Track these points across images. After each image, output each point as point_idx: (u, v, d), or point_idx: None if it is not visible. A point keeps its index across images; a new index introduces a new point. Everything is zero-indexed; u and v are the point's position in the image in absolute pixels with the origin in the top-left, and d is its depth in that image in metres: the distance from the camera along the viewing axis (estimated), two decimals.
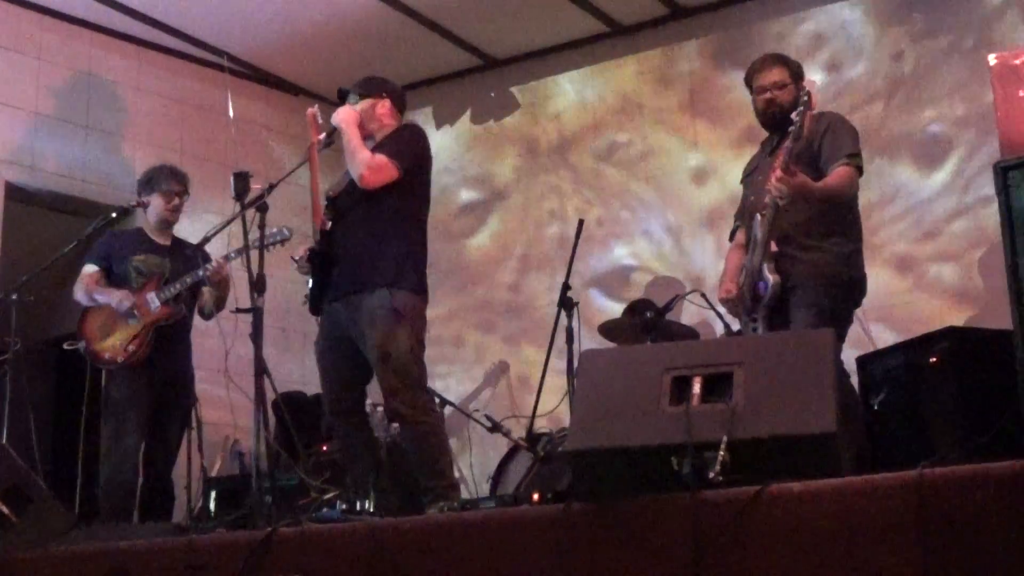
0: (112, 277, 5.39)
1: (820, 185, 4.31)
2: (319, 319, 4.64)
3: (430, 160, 4.70)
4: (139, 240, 5.49)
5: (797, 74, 4.59)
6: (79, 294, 5.38)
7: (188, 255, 5.41)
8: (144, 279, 5.32)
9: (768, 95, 4.54)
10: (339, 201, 4.56)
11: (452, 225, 7.62)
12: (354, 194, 4.53)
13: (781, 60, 4.63)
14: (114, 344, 5.24)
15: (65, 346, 5.41)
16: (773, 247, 4.35)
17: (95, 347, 5.26)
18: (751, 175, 4.71)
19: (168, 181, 5.49)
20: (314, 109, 4.79)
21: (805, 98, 4.30)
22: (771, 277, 4.33)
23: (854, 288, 4.45)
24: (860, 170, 4.45)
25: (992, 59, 3.08)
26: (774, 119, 4.54)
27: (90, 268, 5.41)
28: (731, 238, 4.83)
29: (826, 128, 4.45)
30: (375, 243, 4.44)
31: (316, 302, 4.57)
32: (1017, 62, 3.02)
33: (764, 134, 4.76)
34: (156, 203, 5.47)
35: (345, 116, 4.56)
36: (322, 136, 4.68)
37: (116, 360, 5.22)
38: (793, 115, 4.27)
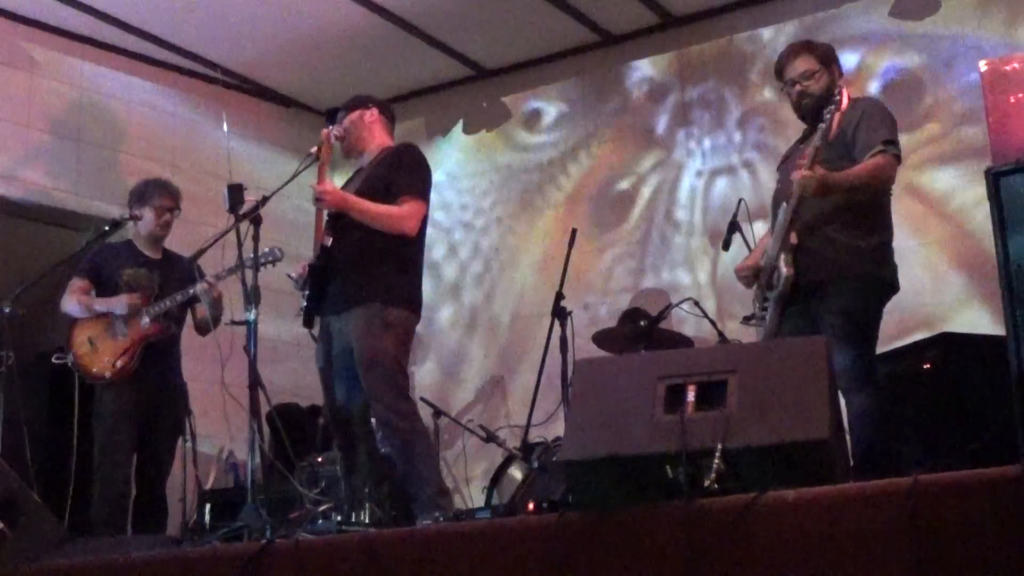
0: (101, 290, 5.36)
1: (846, 175, 4.11)
2: (316, 332, 4.64)
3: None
4: (129, 253, 5.47)
5: (826, 58, 4.36)
6: (70, 306, 5.34)
7: (180, 269, 5.39)
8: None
9: (799, 87, 4.34)
10: (341, 218, 4.55)
11: None
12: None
13: (806, 48, 4.41)
14: (102, 359, 5.22)
15: (53, 359, 5.39)
16: (792, 239, 4.17)
17: (83, 361, 5.25)
18: (784, 163, 4.51)
19: (160, 196, 5.47)
20: (328, 129, 4.76)
21: (836, 98, 4.16)
22: (784, 270, 4.14)
23: (884, 287, 4.20)
24: (898, 158, 4.20)
25: (983, 65, 3.08)
26: (808, 110, 4.34)
27: (79, 281, 5.39)
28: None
29: (860, 116, 4.22)
30: (372, 260, 4.47)
31: (310, 315, 4.57)
32: (1008, 68, 3.02)
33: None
34: (147, 218, 5.44)
35: (338, 200, 4.51)
36: (316, 149, 4.70)
37: (104, 375, 5.21)
38: (825, 112, 4.15)
